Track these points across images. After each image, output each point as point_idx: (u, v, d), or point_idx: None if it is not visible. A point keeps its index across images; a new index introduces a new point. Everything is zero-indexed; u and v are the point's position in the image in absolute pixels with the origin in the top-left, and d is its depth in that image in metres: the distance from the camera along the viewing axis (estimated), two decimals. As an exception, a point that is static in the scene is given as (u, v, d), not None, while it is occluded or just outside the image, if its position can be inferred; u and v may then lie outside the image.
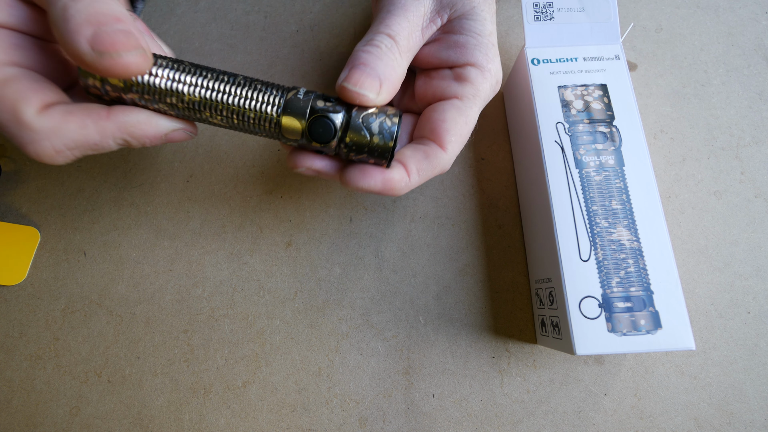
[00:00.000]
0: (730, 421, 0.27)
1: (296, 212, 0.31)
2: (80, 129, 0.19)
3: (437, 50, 0.24)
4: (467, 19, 0.24)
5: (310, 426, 0.27)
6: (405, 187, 0.22)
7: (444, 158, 0.23)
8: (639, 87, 0.33)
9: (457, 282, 0.30)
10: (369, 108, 0.21)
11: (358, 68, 0.21)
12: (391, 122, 0.21)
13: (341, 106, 0.21)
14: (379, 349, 0.29)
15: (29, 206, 0.31)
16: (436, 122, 0.23)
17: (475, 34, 0.24)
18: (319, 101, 0.21)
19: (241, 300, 0.30)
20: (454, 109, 0.23)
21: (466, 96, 0.23)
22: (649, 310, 0.23)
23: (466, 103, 0.23)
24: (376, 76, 0.21)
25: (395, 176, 0.22)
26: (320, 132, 0.21)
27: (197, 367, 0.28)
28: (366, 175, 0.21)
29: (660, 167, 0.32)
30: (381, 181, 0.21)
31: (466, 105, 0.23)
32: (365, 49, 0.21)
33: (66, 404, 0.28)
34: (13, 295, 0.30)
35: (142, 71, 0.18)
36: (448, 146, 0.22)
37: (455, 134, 0.22)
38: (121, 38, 0.17)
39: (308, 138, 0.21)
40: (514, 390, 0.28)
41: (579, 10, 0.29)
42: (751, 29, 0.35)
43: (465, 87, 0.23)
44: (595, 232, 0.25)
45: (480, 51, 0.24)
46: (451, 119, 0.23)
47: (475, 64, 0.23)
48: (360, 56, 0.21)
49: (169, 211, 0.31)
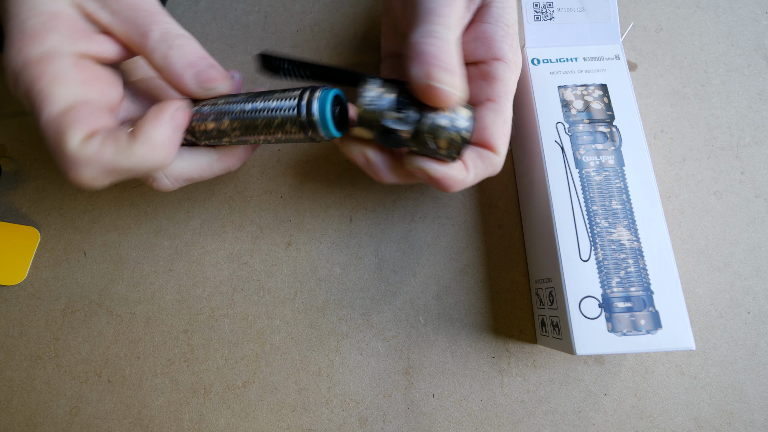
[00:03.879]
0: (730, 421, 0.27)
1: (296, 212, 0.31)
2: (113, 157, 0.20)
3: (464, 42, 0.24)
4: (495, 7, 0.23)
5: (310, 426, 0.27)
6: (461, 183, 0.22)
7: (497, 160, 0.23)
8: (639, 87, 0.33)
9: (457, 282, 0.30)
10: (444, 108, 0.21)
11: (436, 66, 0.20)
12: (464, 123, 0.21)
13: (414, 109, 0.20)
14: (379, 349, 0.29)
15: (29, 206, 0.31)
16: (479, 130, 0.23)
17: (502, 24, 0.23)
18: (390, 113, 0.20)
19: (241, 300, 0.30)
20: (492, 113, 0.23)
21: (499, 96, 0.23)
22: (649, 310, 0.23)
23: (500, 104, 0.23)
24: (456, 72, 0.20)
25: (455, 172, 0.22)
26: (390, 142, 0.21)
27: (197, 367, 0.28)
28: (428, 161, 0.22)
29: (660, 167, 0.32)
30: (442, 171, 0.22)
31: (500, 105, 0.23)
32: (431, 43, 0.20)
33: (66, 404, 0.28)
34: (13, 295, 0.30)
35: (230, 85, 0.23)
36: (499, 149, 0.23)
37: (500, 136, 0.23)
38: (215, 73, 0.22)
39: (378, 141, 0.21)
40: (514, 390, 0.28)
41: (579, 10, 0.29)
42: (751, 29, 0.35)
43: (496, 87, 0.23)
44: (595, 232, 0.25)
45: (506, 43, 0.23)
46: (492, 124, 0.23)
47: (501, 59, 0.23)
48: (429, 50, 0.20)
49: (169, 211, 0.31)
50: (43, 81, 0.20)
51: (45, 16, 0.20)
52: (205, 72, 0.22)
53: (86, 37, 0.21)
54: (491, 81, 0.23)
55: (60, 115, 0.20)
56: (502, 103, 0.23)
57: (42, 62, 0.20)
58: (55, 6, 0.21)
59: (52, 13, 0.20)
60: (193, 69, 0.21)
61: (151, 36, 0.21)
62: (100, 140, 0.20)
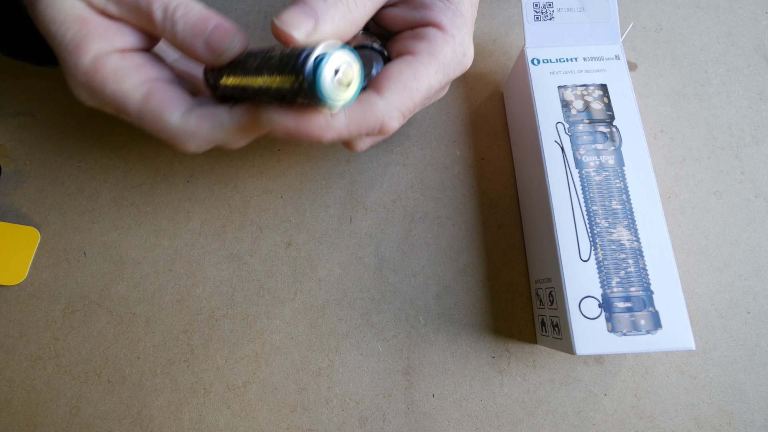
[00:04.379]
0: (730, 421, 0.27)
1: (296, 212, 0.31)
2: (209, 132, 0.22)
3: (402, 12, 0.24)
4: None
5: (310, 426, 0.27)
6: (325, 128, 0.20)
7: (378, 105, 0.20)
8: (639, 87, 0.33)
9: (457, 282, 0.30)
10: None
11: (295, 6, 0.19)
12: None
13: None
14: (379, 349, 0.29)
15: (29, 206, 0.31)
16: (379, 75, 0.21)
17: (445, 0, 0.23)
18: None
19: (241, 300, 0.30)
20: (403, 63, 0.21)
21: (419, 52, 0.22)
22: (649, 310, 0.23)
23: (419, 59, 0.21)
24: (313, 15, 0.19)
25: (312, 116, 0.19)
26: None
27: (197, 367, 0.28)
28: (279, 113, 0.20)
29: (660, 167, 0.32)
30: (295, 119, 0.19)
31: (417, 60, 0.21)
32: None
33: (66, 404, 0.28)
34: (13, 295, 0.30)
35: (245, 46, 0.21)
36: (386, 92, 0.20)
37: (397, 82, 0.21)
38: (220, 34, 0.20)
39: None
40: (514, 390, 0.28)
41: (579, 10, 0.29)
42: (751, 29, 0.35)
43: (420, 43, 0.22)
44: (595, 232, 0.25)
45: (446, 15, 0.22)
46: (395, 69, 0.21)
47: (438, 25, 0.22)
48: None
49: (169, 211, 0.31)
50: (110, 84, 0.21)
51: (76, 25, 0.21)
52: (212, 37, 0.20)
53: (115, 34, 0.22)
54: (419, 39, 0.22)
55: (143, 103, 0.21)
56: (421, 60, 0.21)
57: (98, 69, 0.21)
58: (76, 10, 0.21)
59: (79, 19, 0.21)
60: (200, 39, 0.21)
61: (155, 18, 0.21)
62: (199, 116, 0.21)
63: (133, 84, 0.21)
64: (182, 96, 0.22)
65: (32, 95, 0.34)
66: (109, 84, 0.21)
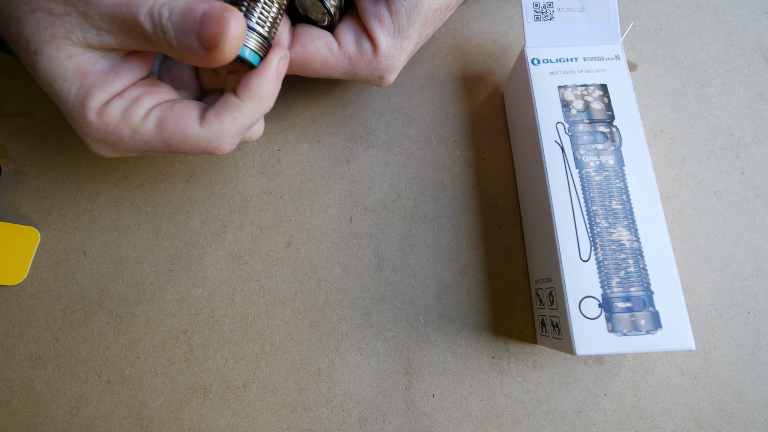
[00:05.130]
0: (730, 421, 0.27)
1: (296, 212, 0.31)
2: (233, 123, 0.22)
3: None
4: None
5: (310, 426, 0.27)
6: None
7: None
8: (639, 87, 0.33)
9: (457, 282, 0.30)
10: None
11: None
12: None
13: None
14: (379, 349, 0.29)
15: (29, 206, 0.31)
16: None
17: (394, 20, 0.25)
18: None
19: (241, 300, 0.30)
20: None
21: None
22: (649, 310, 0.23)
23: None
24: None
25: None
26: None
27: (197, 367, 0.28)
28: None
29: (660, 167, 0.32)
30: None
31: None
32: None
33: (66, 404, 0.28)
34: (13, 295, 0.30)
35: (243, 30, 0.20)
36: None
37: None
38: (212, 27, 0.19)
39: None
40: (514, 390, 0.28)
41: (579, 10, 0.29)
42: (751, 29, 0.35)
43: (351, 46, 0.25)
44: (595, 232, 0.25)
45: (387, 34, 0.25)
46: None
47: (375, 43, 0.25)
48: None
49: (169, 211, 0.31)
50: (123, 130, 0.21)
51: (77, 80, 0.20)
52: (203, 30, 0.19)
53: (113, 78, 0.21)
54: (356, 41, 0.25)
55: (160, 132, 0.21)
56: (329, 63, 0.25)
57: (107, 122, 0.21)
58: (76, 62, 0.20)
59: (79, 73, 0.20)
60: (192, 37, 0.19)
61: (146, 31, 0.19)
62: (215, 115, 0.22)
63: (140, 118, 0.21)
64: (188, 105, 0.22)
65: (32, 95, 0.34)
66: (123, 131, 0.21)
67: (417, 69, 0.34)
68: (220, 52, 0.19)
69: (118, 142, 0.21)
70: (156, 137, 0.21)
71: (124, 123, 0.21)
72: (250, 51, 0.22)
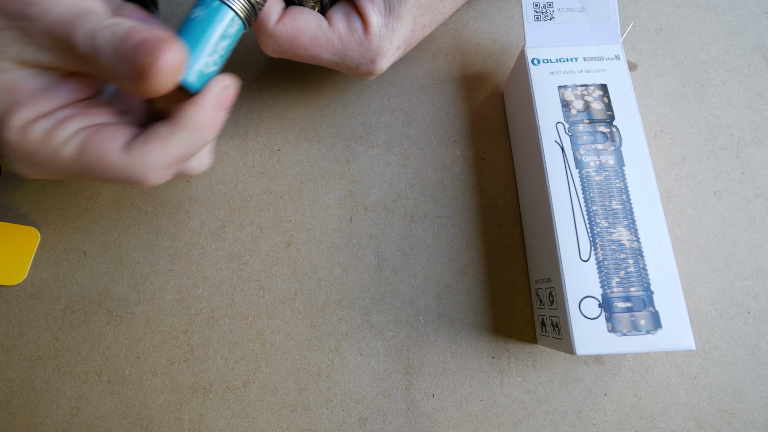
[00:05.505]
0: (730, 421, 0.27)
1: (296, 212, 0.31)
2: (159, 153, 0.20)
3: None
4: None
5: (310, 426, 0.27)
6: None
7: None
8: (639, 87, 0.33)
9: (457, 282, 0.30)
10: None
11: None
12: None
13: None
14: (379, 349, 0.29)
15: (29, 206, 0.31)
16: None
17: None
18: None
19: (241, 300, 0.30)
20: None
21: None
22: (649, 310, 0.23)
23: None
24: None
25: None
26: None
27: (197, 367, 0.28)
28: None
29: (660, 167, 0.32)
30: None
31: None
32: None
33: (66, 404, 0.28)
34: (13, 295, 0.30)
35: (179, 62, 0.18)
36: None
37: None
38: (142, 56, 0.17)
39: None
40: (514, 390, 0.28)
41: (579, 10, 0.29)
42: (751, 29, 0.35)
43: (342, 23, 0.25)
44: (595, 232, 0.25)
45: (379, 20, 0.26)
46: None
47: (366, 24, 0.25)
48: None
49: (169, 211, 0.31)
50: (40, 152, 0.20)
51: (5, 96, 0.19)
52: (134, 58, 0.17)
53: (44, 96, 0.20)
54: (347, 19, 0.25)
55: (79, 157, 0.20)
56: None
57: (24, 142, 0.19)
58: (7, 78, 0.19)
59: (8, 88, 0.19)
60: (122, 63, 0.18)
61: (78, 49, 0.18)
62: (142, 142, 0.20)
63: (62, 141, 0.19)
64: (117, 130, 0.20)
65: (32, 95, 0.34)
66: (41, 153, 0.19)
67: (417, 69, 0.34)
68: (150, 83, 0.18)
69: (38, 163, 0.20)
70: (76, 162, 0.20)
71: (44, 144, 0.19)
72: (195, 77, 0.21)
